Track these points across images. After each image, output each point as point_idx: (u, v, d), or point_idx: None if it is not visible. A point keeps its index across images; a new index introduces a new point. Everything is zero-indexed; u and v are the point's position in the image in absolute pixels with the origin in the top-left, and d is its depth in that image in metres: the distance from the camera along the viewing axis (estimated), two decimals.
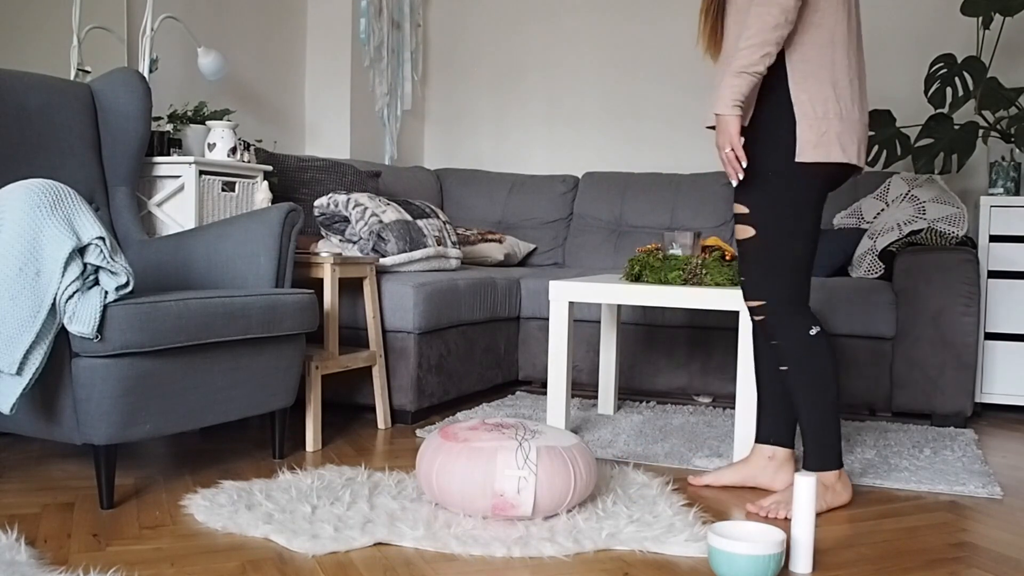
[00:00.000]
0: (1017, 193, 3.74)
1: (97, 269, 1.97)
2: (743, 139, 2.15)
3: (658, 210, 4.34)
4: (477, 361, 3.46)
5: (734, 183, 2.16)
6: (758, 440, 2.42)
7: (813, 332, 2.19)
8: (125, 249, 2.72)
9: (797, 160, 2.13)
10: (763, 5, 2.05)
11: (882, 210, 3.83)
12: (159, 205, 2.96)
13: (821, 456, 2.21)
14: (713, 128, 2.28)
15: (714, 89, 2.23)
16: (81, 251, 1.94)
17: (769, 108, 2.16)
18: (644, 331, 3.62)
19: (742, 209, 2.23)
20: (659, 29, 4.68)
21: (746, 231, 2.22)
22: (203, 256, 2.61)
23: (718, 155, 2.11)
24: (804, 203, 2.17)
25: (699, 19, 2.33)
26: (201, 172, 2.93)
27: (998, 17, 3.96)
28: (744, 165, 2.11)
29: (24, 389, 1.94)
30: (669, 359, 3.59)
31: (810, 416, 2.20)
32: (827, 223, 4.06)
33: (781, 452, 2.38)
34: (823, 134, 2.12)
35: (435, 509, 2.09)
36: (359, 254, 3.17)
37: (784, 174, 2.15)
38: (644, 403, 3.53)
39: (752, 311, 2.25)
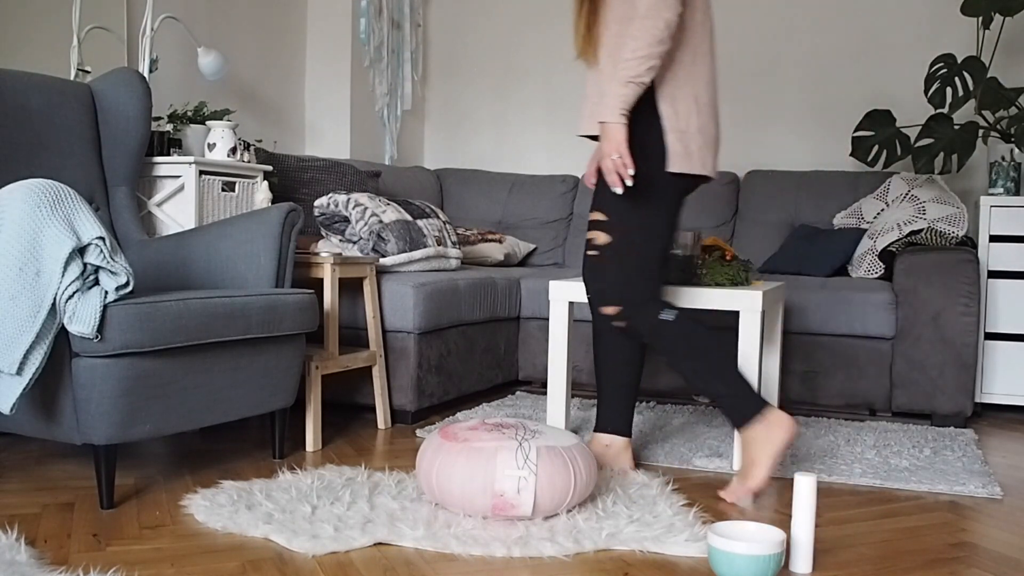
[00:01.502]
0: (1017, 193, 3.74)
1: (97, 269, 1.97)
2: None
3: None
4: (477, 361, 3.46)
5: (619, 191, 2.19)
6: (596, 429, 2.52)
7: (663, 316, 2.27)
8: (125, 249, 2.72)
9: (668, 170, 2.23)
10: (649, 19, 2.13)
11: (882, 210, 3.83)
12: (159, 205, 2.96)
13: (735, 413, 2.22)
14: (589, 136, 2.35)
15: (589, 97, 2.31)
16: (81, 251, 1.94)
17: (637, 120, 2.22)
18: None
19: (599, 216, 2.29)
20: None
21: (602, 237, 2.29)
22: (203, 256, 2.61)
23: (602, 162, 2.19)
24: (664, 210, 2.28)
25: (574, 21, 2.37)
26: (201, 172, 2.93)
27: (998, 17, 3.96)
28: (632, 172, 2.17)
29: (24, 389, 1.94)
30: None
31: (704, 387, 2.25)
32: (827, 223, 4.06)
33: (618, 440, 2.50)
34: (688, 146, 2.24)
35: (435, 509, 2.09)
36: (359, 254, 3.17)
37: (651, 183, 2.24)
38: (644, 403, 3.52)
39: (610, 317, 2.31)
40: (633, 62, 2.14)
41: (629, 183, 2.18)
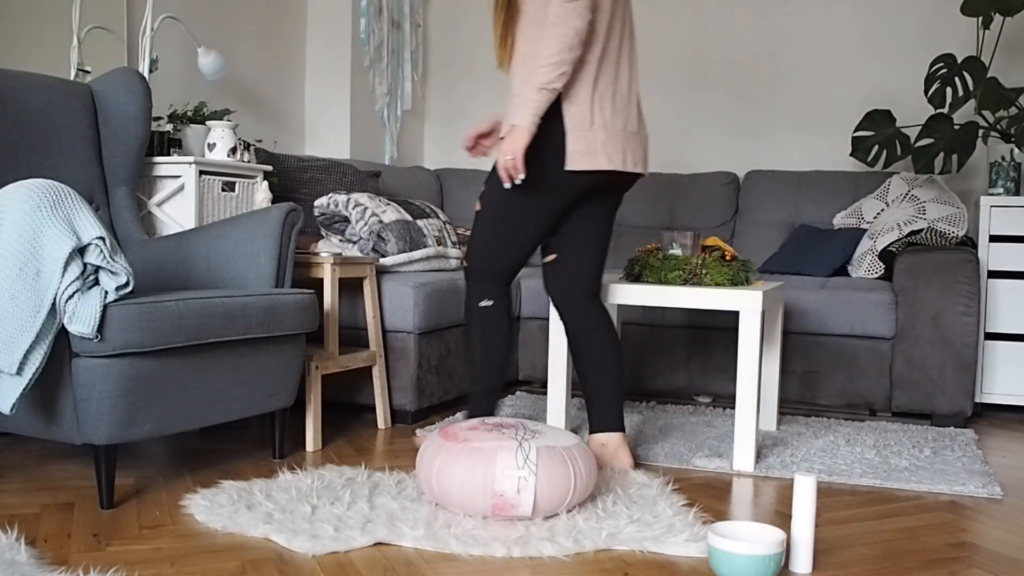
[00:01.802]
0: (1017, 193, 3.74)
1: (97, 269, 1.97)
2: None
3: (658, 210, 4.34)
4: None
5: (507, 186, 2.35)
6: (590, 431, 2.56)
7: (483, 304, 2.50)
8: (125, 249, 2.72)
9: (567, 169, 2.35)
10: (559, 27, 2.24)
11: (882, 210, 3.83)
12: (159, 205, 2.96)
13: (473, 406, 2.56)
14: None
15: (512, 99, 2.42)
16: (81, 251, 1.94)
17: (543, 119, 2.32)
18: (644, 331, 3.62)
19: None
20: (658, 29, 4.68)
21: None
22: (203, 256, 2.61)
23: (499, 159, 2.32)
24: (548, 204, 2.41)
25: (492, 31, 2.50)
26: (201, 172, 2.93)
27: (998, 17, 3.96)
28: (522, 177, 2.29)
29: (24, 389, 1.94)
30: (669, 359, 3.59)
31: (472, 372, 2.55)
32: (827, 223, 4.06)
33: (614, 437, 2.52)
34: (590, 144, 2.34)
35: (435, 509, 2.09)
36: (359, 254, 3.17)
37: (545, 179, 2.37)
38: (644, 403, 3.53)
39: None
40: (545, 69, 2.24)
41: (518, 182, 2.30)
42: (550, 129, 2.33)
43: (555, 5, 2.24)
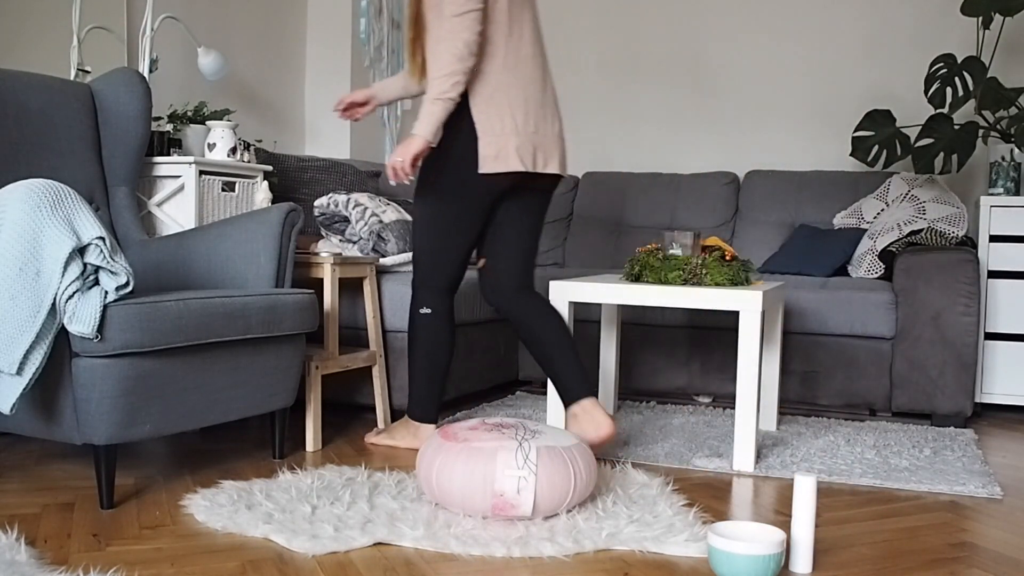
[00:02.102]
0: (1017, 193, 3.74)
1: (97, 269, 1.97)
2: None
3: (658, 210, 4.34)
4: (477, 361, 3.46)
5: (393, 183, 2.48)
6: (564, 407, 2.62)
7: (423, 311, 2.63)
8: (125, 249, 2.72)
9: (480, 172, 2.46)
10: (448, 41, 2.37)
11: (882, 210, 3.83)
12: (159, 205, 2.96)
13: (413, 406, 2.70)
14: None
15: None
16: (81, 251, 1.94)
17: (453, 126, 2.47)
18: (644, 331, 3.62)
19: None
20: (660, 28, 4.68)
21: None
22: (203, 256, 2.61)
23: (391, 158, 2.43)
24: (463, 210, 2.53)
25: (407, 49, 2.64)
26: (201, 172, 2.93)
27: (998, 17, 3.96)
28: (410, 180, 2.43)
29: (24, 389, 1.94)
30: (669, 359, 3.59)
31: (410, 372, 2.68)
32: (827, 223, 4.06)
33: (585, 403, 2.57)
34: (501, 148, 2.46)
35: (435, 509, 2.09)
36: (359, 254, 3.17)
37: (461, 183, 2.49)
38: (644, 403, 3.53)
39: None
40: (438, 80, 2.37)
41: (406, 182, 2.45)
42: (463, 135, 2.46)
43: (445, 19, 2.37)
